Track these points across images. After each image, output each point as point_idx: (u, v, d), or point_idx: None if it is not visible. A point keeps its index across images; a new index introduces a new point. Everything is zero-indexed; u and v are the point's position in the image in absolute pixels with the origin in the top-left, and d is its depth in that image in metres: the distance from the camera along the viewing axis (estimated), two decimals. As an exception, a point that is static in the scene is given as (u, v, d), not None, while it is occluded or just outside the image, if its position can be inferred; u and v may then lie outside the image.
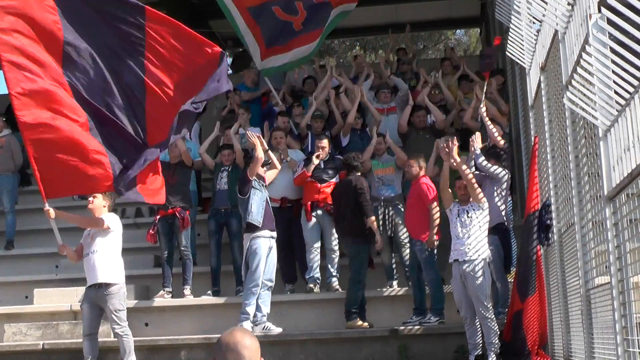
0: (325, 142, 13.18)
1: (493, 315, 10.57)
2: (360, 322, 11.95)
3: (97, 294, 10.55)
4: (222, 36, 22.28)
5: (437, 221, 11.54)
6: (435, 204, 11.52)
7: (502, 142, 12.17)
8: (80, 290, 13.48)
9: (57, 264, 14.95)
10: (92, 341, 10.72)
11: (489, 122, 12.15)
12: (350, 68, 17.74)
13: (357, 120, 14.24)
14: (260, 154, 11.76)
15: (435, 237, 11.53)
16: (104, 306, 10.55)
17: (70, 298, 13.45)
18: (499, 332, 10.51)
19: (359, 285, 12.06)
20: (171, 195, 13.10)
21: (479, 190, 10.84)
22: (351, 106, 14.29)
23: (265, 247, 11.87)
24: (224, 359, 3.73)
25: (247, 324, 11.70)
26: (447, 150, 11.00)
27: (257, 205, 11.86)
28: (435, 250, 11.68)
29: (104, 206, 10.72)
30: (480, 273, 10.48)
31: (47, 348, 12.26)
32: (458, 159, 10.87)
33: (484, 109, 12.25)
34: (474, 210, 10.69)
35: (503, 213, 11.59)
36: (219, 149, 14.09)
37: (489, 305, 10.52)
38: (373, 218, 12.13)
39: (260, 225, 11.83)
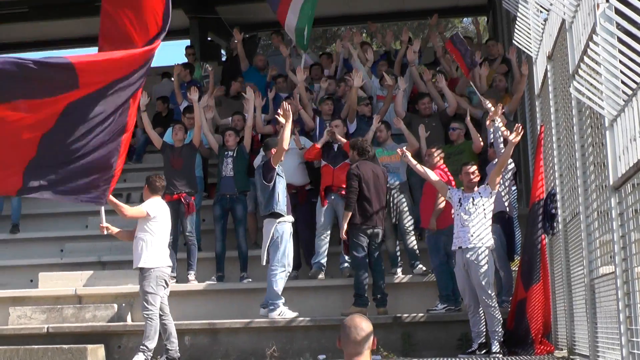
0: (338, 122, 13.27)
1: (496, 304, 10.56)
2: None
3: (139, 276, 10.88)
4: (229, 22, 22.27)
5: (442, 205, 11.56)
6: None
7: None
8: (85, 275, 13.58)
9: (62, 248, 14.99)
10: (160, 320, 10.90)
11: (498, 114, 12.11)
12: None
13: (366, 107, 14.17)
14: (285, 144, 11.77)
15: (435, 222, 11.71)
16: None
17: (74, 282, 13.49)
18: (502, 321, 10.51)
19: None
20: (176, 180, 13.12)
21: (499, 177, 10.83)
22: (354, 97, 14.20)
23: (289, 232, 12.04)
24: (346, 338, 4.95)
25: (284, 309, 11.87)
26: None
27: (282, 194, 11.99)
28: (441, 237, 11.70)
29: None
30: (484, 262, 10.46)
31: (52, 331, 12.29)
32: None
33: (488, 104, 12.20)
34: (481, 197, 10.65)
35: (506, 202, 11.59)
36: (223, 132, 14.09)
37: (492, 294, 10.52)
38: None
39: (285, 214, 11.97)
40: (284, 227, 11.95)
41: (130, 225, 11.34)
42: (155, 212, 10.89)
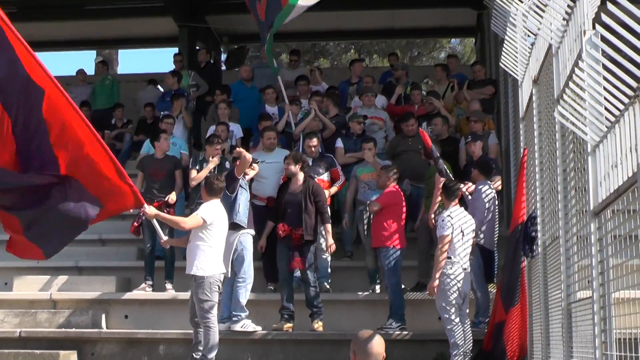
0: (314, 141, 13.24)
1: (452, 325, 10.55)
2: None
3: (191, 283, 10.70)
4: (218, 32, 22.29)
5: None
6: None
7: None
8: (61, 280, 13.50)
9: (39, 252, 14.86)
10: (195, 327, 10.75)
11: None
12: (344, 70, 17.72)
13: (358, 125, 14.23)
14: (248, 155, 11.77)
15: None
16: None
17: (50, 286, 13.41)
18: (458, 343, 10.51)
19: None
20: (155, 188, 13.09)
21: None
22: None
23: (252, 244, 12.01)
24: (363, 352, 5.33)
25: (247, 321, 11.81)
26: None
27: (244, 205, 11.90)
28: (398, 256, 11.79)
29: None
30: (442, 285, 10.61)
31: (24, 336, 12.19)
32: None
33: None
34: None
35: (481, 234, 11.66)
36: (206, 142, 14.00)
37: (447, 315, 10.58)
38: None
39: (245, 226, 11.87)
40: (247, 239, 11.94)
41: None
42: (212, 217, 10.64)
